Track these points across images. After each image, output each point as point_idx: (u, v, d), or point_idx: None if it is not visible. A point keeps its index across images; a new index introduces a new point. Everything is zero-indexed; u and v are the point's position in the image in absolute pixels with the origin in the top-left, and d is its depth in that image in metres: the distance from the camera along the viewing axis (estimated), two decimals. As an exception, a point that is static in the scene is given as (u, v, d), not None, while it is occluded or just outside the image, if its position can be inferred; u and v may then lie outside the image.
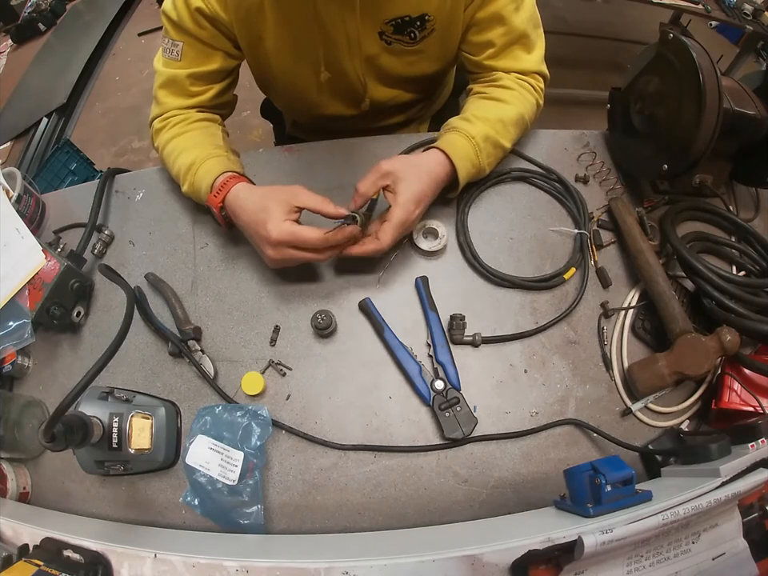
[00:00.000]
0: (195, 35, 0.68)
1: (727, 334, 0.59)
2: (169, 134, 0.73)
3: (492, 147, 0.69)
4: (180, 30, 0.68)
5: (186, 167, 0.68)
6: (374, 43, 0.71)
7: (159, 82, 0.73)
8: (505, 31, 0.69)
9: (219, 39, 0.70)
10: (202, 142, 0.71)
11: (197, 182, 0.67)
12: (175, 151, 0.71)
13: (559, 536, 0.42)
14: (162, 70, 0.72)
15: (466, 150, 0.67)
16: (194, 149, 0.69)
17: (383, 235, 0.61)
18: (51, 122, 2.23)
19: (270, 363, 0.66)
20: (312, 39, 0.69)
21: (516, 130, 0.72)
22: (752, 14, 1.68)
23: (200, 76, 0.72)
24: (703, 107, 0.60)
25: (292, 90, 0.81)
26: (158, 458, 0.60)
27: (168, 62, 0.71)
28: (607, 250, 0.73)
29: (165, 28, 0.70)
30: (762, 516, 0.49)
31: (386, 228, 0.61)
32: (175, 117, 0.74)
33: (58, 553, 0.48)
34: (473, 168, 0.68)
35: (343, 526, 0.60)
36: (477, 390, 0.64)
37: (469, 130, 0.67)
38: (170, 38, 0.69)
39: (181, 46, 0.69)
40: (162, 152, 0.73)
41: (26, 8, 2.76)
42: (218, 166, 0.66)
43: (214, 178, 0.65)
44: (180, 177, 0.70)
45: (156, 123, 0.75)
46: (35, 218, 0.76)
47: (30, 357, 0.70)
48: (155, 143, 0.76)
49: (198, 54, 0.70)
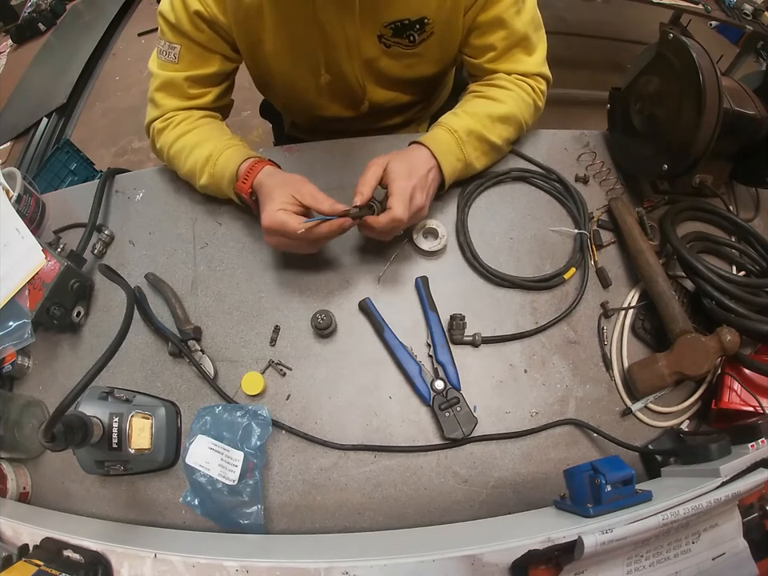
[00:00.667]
0: (193, 38, 0.67)
1: (727, 334, 0.59)
2: (174, 132, 0.72)
3: (477, 141, 0.69)
4: (177, 33, 0.67)
5: (204, 159, 0.67)
6: (372, 46, 0.71)
7: (156, 84, 0.72)
8: (506, 35, 0.69)
9: (217, 42, 0.69)
10: (213, 135, 0.71)
11: (218, 171, 0.66)
12: (186, 148, 0.70)
13: (559, 536, 0.42)
14: (159, 72, 0.71)
15: (449, 144, 0.67)
16: (208, 142, 0.69)
17: (393, 205, 0.60)
18: (51, 122, 2.23)
19: (269, 363, 0.66)
20: (311, 42, 0.69)
21: (505, 126, 0.71)
22: (752, 13, 1.68)
23: (198, 79, 0.71)
24: (703, 107, 0.60)
25: (291, 92, 0.81)
26: (158, 457, 0.60)
27: (164, 64, 0.70)
28: (607, 250, 0.73)
29: (161, 30, 0.69)
30: (762, 516, 0.49)
31: (392, 201, 0.60)
32: (177, 116, 0.73)
33: (57, 553, 0.48)
34: (458, 162, 0.68)
35: (343, 526, 0.60)
36: (477, 390, 0.64)
37: (452, 124, 0.67)
38: (167, 41, 0.68)
39: (178, 48, 0.68)
40: (169, 151, 0.72)
41: (26, 8, 2.76)
42: (238, 154, 0.66)
43: (238, 165, 0.65)
44: (196, 171, 0.69)
45: (156, 124, 0.73)
46: (35, 218, 0.76)
47: (29, 357, 0.70)
48: (157, 144, 0.74)
49: (196, 57, 0.69)
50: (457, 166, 0.68)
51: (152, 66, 0.72)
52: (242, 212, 0.74)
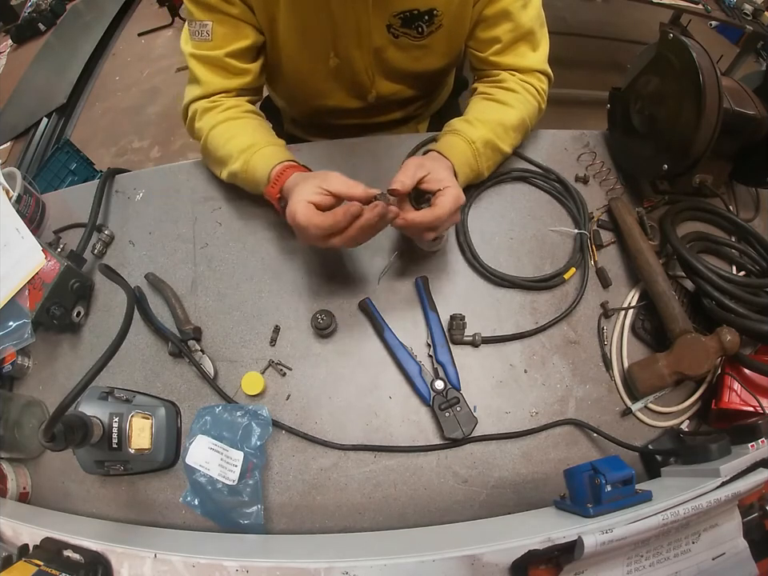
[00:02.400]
0: (223, 11, 0.66)
1: (727, 334, 0.59)
2: (223, 115, 0.70)
3: (491, 152, 0.69)
4: (206, 9, 0.66)
5: (246, 146, 0.66)
6: (381, 36, 0.71)
7: (195, 63, 0.69)
8: (511, 27, 0.70)
9: (247, 13, 0.67)
10: (261, 130, 0.71)
11: (253, 163, 0.65)
12: (230, 131, 0.69)
13: (559, 536, 0.42)
14: (195, 51, 0.69)
15: (466, 155, 0.67)
16: (253, 133, 0.69)
17: (440, 202, 0.58)
18: (51, 122, 2.23)
19: (270, 363, 0.66)
20: (322, 27, 0.69)
21: (516, 134, 0.72)
22: (752, 13, 1.68)
23: (236, 53, 0.69)
24: (703, 107, 0.60)
25: (298, 77, 0.80)
26: (158, 457, 0.60)
27: (199, 44, 0.68)
28: (607, 250, 0.73)
29: (189, 11, 0.67)
30: (762, 516, 0.49)
31: (442, 199, 0.58)
32: (227, 100, 0.71)
33: (58, 553, 0.48)
34: (471, 172, 0.68)
35: (343, 526, 0.60)
36: (477, 390, 0.64)
37: (470, 135, 0.67)
38: (197, 20, 0.67)
39: (210, 25, 0.66)
40: (212, 130, 0.70)
41: (26, 8, 2.76)
42: (278, 153, 0.66)
43: (274, 165, 0.64)
44: (233, 154, 0.67)
45: (203, 103, 0.71)
46: (35, 218, 0.76)
47: (30, 357, 0.70)
48: (198, 123, 0.72)
49: (230, 31, 0.67)
50: (470, 176, 0.68)
51: (186, 48, 0.70)
52: (242, 212, 0.75)
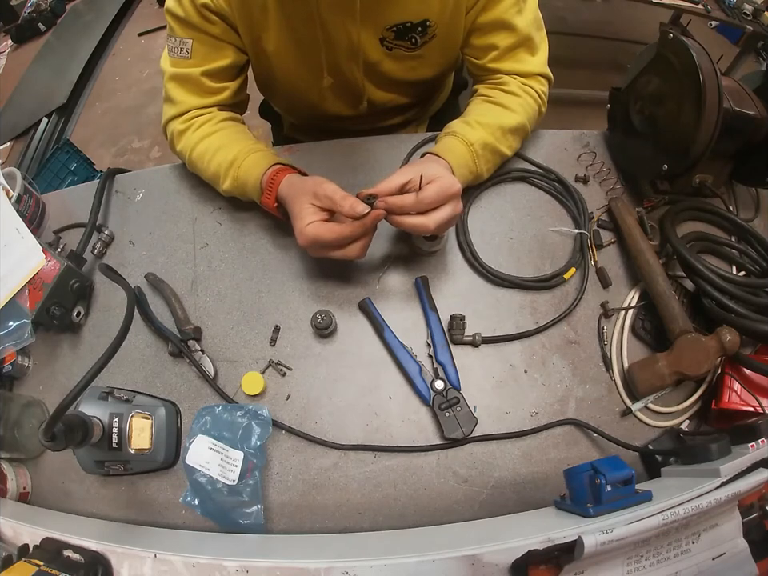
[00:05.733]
0: (204, 30, 0.66)
1: (727, 334, 0.59)
2: (197, 134, 0.70)
3: (490, 154, 0.69)
4: (187, 27, 0.66)
5: (228, 163, 0.66)
6: (375, 49, 0.71)
7: (171, 81, 0.70)
8: (508, 35, 0.69)
9: (228, 33, 0.68)
10: (238, 138, 0.70)
11: (242, 176, 0.65)
12: (210, 150, 0.68)
13: (559, 536, 0.42)
14: (172, 69, 0.69)
15: (465, 157, 0.66)
16: (233, 145, 0.68)
17: (427, 188, 0.56)
18: (51, 122, 2.24)
19: (269, 363, 0.66)
20: (314, 43, 0.69)
21: (515, 138, 0.72)
22: (752, 13, 1.68)
23: (214, 73, 0.69)
24: (703, 107, 0.60)
25: (292, 92, 0.81)
26: (157, 458, 0.60)
27: (177, 61, 0.68)
28: (607, 250, 0.73)
29: (170, 27, 0.67)
30: (762, 516, 0.49)
31: (428, 185, 0.57)
32: (200, 117, 0.71)
33: (58, 553, 0.48)
34: (470, 174, 0.68)
35: (343, 526, 0.60)
36: (477, 390, 0.64)
37: (468, 137, 0.67)
38: (177, 37, 0.67)
39: (190, 43, 0.67)
40: (191, 154, 0.70)
41: (26, 8, 2.76)
42: (263, 160, 0.65)
43: (262, 173, 0.64)
44: (220, 174, 0.68)
45: (177, 125, 0.71)
46: (35, 218, 0.76)
47: (30, 357, 0.70)
48: (178, 147, 0.72)
49: (209, 50, 0.68)
50: (468, 178, 0.68)
51: (164, 65, 0.70)
52: (242, 212, 0.74)
